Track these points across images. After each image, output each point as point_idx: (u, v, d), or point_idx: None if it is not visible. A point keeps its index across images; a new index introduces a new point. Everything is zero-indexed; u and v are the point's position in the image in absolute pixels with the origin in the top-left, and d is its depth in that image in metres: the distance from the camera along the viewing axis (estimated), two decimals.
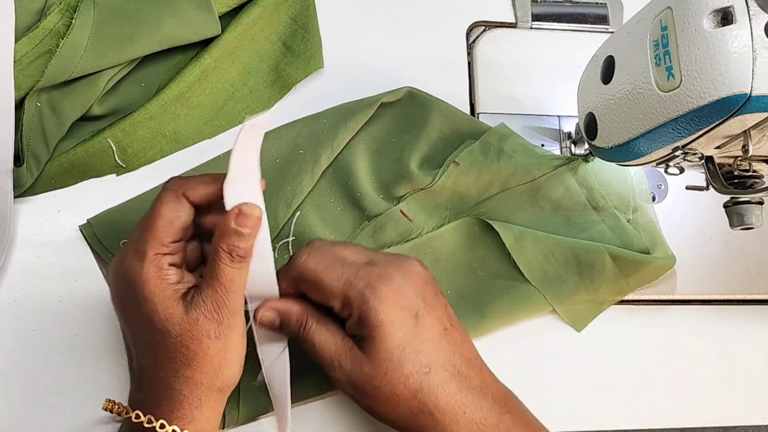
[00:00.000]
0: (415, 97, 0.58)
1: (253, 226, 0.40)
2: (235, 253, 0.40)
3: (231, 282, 0.40)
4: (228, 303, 0.40)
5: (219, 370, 0.41)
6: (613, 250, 0.54)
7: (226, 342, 0.40)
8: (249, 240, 0.40)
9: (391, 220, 0.55)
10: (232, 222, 0.39)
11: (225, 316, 0.40)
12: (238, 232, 0.39)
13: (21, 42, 0.50)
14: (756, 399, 0.56)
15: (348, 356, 0.42)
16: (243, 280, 0.41)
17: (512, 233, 0.55)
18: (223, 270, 0.40)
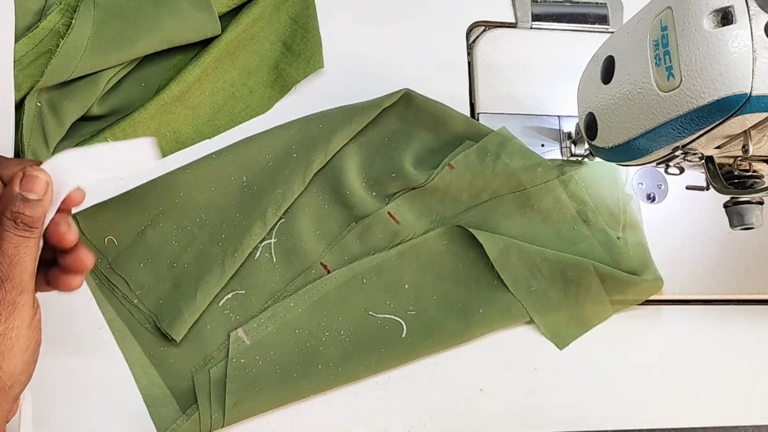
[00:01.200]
0: (411, 99, 0.58)
1: (41, 191, 0.36)
2: (20, 221, 0.36)
3: (16, 252, 0.36)
4: (12, 276, 0.35)
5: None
6: (601, 269, 0.54)
7: (7, 325, 0.36)
8: (37, 207, 0.36)
9: (379, 221, 0.55)
10: (17, 186, 0.36)
11: (7, 292, 0.35)
12: (24, 197, 0.36)
13: (21, 42, 0.50)
14: (756, 399, 0.56)
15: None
16: (31, 252, 0.36)
17: (497, 246, 0.55)
18: (7, 239, 0.35)
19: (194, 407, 0.49)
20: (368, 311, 0.53)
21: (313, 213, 0.55)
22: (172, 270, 0.52)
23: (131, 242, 0.52)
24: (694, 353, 0.56)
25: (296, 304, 0.52)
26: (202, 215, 0.54)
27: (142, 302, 0.51)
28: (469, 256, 0.55)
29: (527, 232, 0.56)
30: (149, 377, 0.50)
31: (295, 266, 0.53)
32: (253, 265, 0.53)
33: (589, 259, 0.55)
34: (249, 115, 0.58)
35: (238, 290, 0.53)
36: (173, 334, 0.50)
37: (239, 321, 0.52)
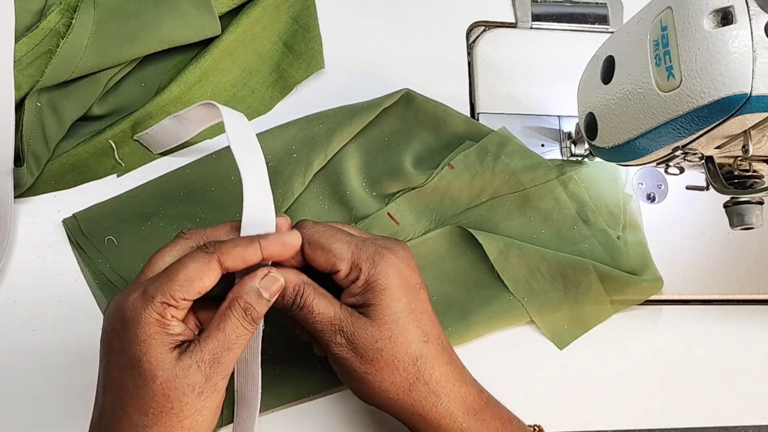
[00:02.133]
0: (411, 99, 0.58)
1: (275, 294, 0.39)
2: (249, 312, 0.38)
3: (236, 339, 0.38)
4: (223, 361, 0.38)
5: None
6: (601, 269, 0.54)
7: (204, 404, 0.38)
8: (265, 307, 0.39)
9: (378, 222, 0.55)
10: (257, 281, 0.39)
11: (215, 373, 0.38)
12: (260, 293, 0.39)
13: (21, 42, 0.50)
14: (756, 399, 0.56)
15: (350, 320, 0.41)
16: (244, 344, 0.39)
17: (497, 246, 0.55)
18: (232, 324, 0.38)
19: None
20: None
21: (313, 213, 0.55)
22: None
23: (131, 242, 0.52)
24: (694, 353, 0.56)
25: None
26: (202, 215, 0.54)
27: None
28: (469, 256, 0.55)
29: (527, 232, 0.56)
30: None
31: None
32: None
33: (589, 260, 0.55)
34: (250, 116, 0.58)
35: None
36: None
37: None
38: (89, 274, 0.52)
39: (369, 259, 0.42)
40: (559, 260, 0.54)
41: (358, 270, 0.42)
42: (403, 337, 0.41)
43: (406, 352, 0.42)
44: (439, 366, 0.42)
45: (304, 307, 0.42)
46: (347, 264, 0.42)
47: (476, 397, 0.44)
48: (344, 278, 0.42)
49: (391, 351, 0.41)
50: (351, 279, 0.42)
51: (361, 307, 0.42)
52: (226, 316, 0.38)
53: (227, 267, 0.38)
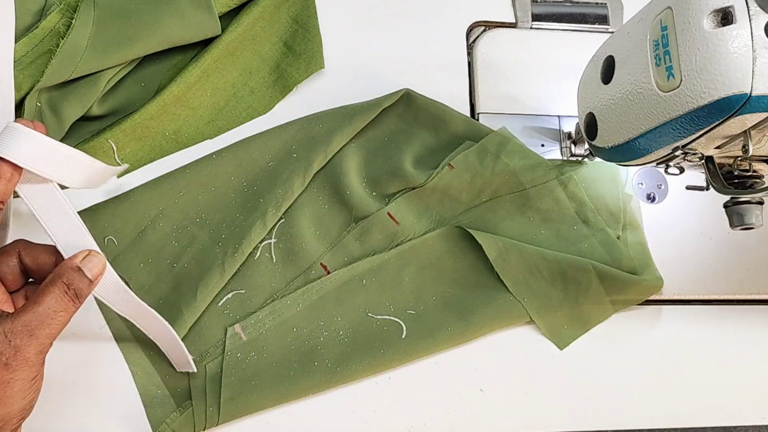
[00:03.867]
0: (411, 99, 0.58)
1: (97, 275, 0.39)
2: (72, 288, 0.38)
3: (54, 315, 0.37)
4: (37, 334, 0.37)
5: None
6: (600, 269, 0.54)
7: (13, 375, 0.36)
8: (88, 286, 0.39)
9: (378, 222, 0.55)
10: (79, 260, 0.39)
11: (26, 345, 0.37)
12: (83, 272, 0.39)
13: (21, 42, 0.50)
14: (756, 399, 0.56)
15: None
16: (63, 323, 0.38)
17: (497, 247, 0.55)
18: (51, 297, 0.37)
19: (189, 402, 0.49)
20: (367, 312, 0.53)
21: (313, 213, 0.55)
22: (172, 270, 0.52)
23: (131, 242, 0.52)
24: (694, 353, 0.56)
25: (295, 304, 0.52)
26: (202, 215, 0.54)
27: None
28: (469, 256, 0.55)
29: (527, 232, 0.56)
30: (148, 377, 0.50)
31: (295, 266, 0.54)
32: (253, 265, 0.53)
33: (589, 260, 0.55)
34: (250, 116, 0.58)
35: (238, 290, 0.53)
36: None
37: (239, 320, 0.52)
38: None
39: None
40: (558, 260, 0.54)
41: None
42: None
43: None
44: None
45: None
46: None
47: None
48: None
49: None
50: None
51: None
52: (45, 291, 0.38)
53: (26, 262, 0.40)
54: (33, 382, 0.38)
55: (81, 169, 0.41)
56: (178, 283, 0.51)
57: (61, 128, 0.52)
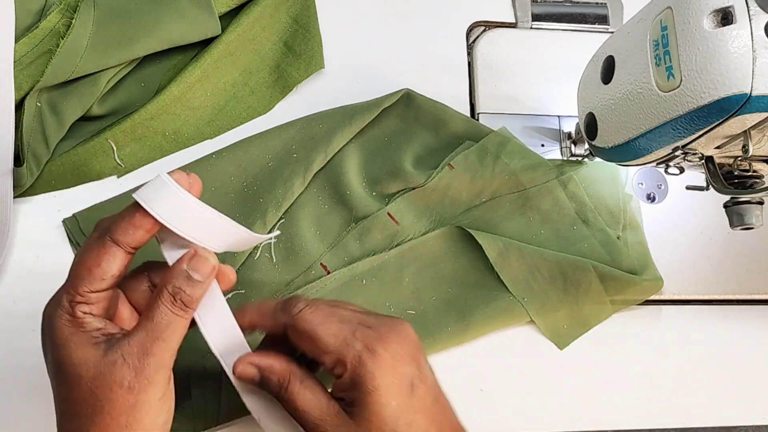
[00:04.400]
0: (411, 99, 0.58)
1: (207, 274, 0.37)
2: (179, 298, 0.36)
3: (165, 328, 0.36)
4: (154, 351, 0.36)
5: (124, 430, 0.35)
6: (600, 269, 0.54)
7: (139, 398, 0.35)
8: (198, 288, 0.37)
9: (378, 222, 0.55)
10: (185, 264, 0.37)
11: (146, 366, 0.35)
12: (189, 276, 0.36)
13: (21, 42, 0.50)
14: (756, 399, 0.56)
15: (334, 422, 0.38)
16: (179, 333, 0.37)
17: (497, 247, 0.55)
18: (161, 312, 0.36)
19: (189, 402, 0.49)
20: None
21: (313, 213, 0.55)
22: None
23: None
24: (694, 353, 0.56)
25: None
26: None
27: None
28: (469, 257, 0.55)
29: (527, 232, 0.56)
30: None
31: (295, 266, 0.53)
32: (253, 265, 0.53)
33: (589, 260, 0.55)
34: (250, 116, 0.58)
35: (238, 290, 0.53)
36: None
37: None
38: None
39: (356, 357, 0.38)
40: (558, 260, 0.54)
41: (343, 366, 0.38)
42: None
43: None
44: None
45: (288, 400, 0.39)
46: (332, 359, 0.38)
47: None
48: (329, 370, 0.39)
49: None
50: (336, 373, 0.39)
51: (347, 404, 0.39)
52: (154, 305, 0.36)
53: (122, 242, 0.36)
54: (162, 403, 0.37)
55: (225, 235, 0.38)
56: None
57: (61, 128, 0.52)
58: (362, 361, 0.38)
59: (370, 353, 0.38)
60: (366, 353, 0.38)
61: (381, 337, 0.39)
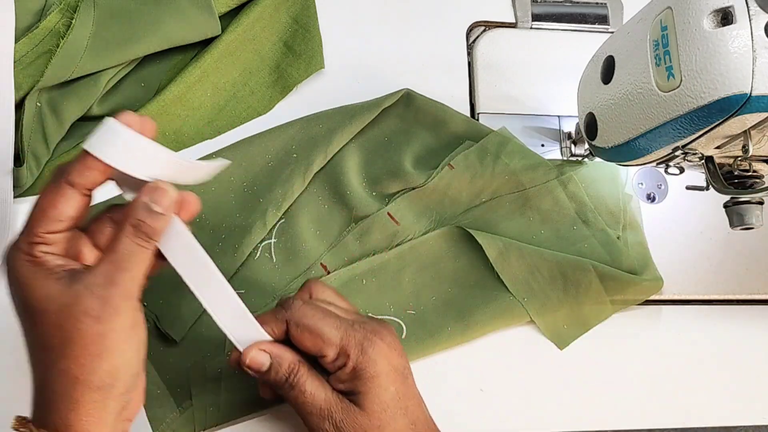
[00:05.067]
0: (411, 99, 0.58)
1: (167, 205, 0.37)
2: (142, 229, 0.37)
3: (129, 257, 0.36)
4: (119, 281, 0.36)
5: (96, 361, 0.35)
6: (600, 269, 0.54)
7: (107, 326, 0.35)
8: (159, 220, 0.37)
9: (378, 222, 0.55)
10: (146, 196, 0.37)
11: (113, 296, 0.36)
12: (149, 207, 0.37)
13: (21, 42, 0.50)
14: (756, 399, 0.56)
15: (339, 407, 0.41)
16: (143, 263, 0.37)
17: (497, 247, 0.54)
18: (123, 242, 0.36)
19: (189, 402, 0.49)
20: (367, 312, 0.53)
21: (313, 213, 0.55)
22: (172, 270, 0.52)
23: None
24: (694, 353, 0.56)
25: None
26: (202, 215, 0.54)
27: (142, 302, 0.51)
28: (469, 257, 0.55)
29: (527, 232, 0.56)
30: (148, 377, 0.50)
31: (295, 266, 0.53)
32: (253, 265, 0.53)
33: (589, 260, 0.55)
34: (250, 116, 0.58)
35: (238, 290, 0.52)
36: (173, 334, 0.50)
37: None
38: None
39: (357, 346, 0.41)
40: (558, 260, 0.54)
41: (345, 356, 0.42)
42: (391, 427, 0.41)
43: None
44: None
45: (295, 386, 0.41)
46: (335, 350, 0.42)
47: None
48: (331, 363, 0.42)
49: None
50: (338, 365, 0.42)
51: (349, 394, 0.42)
52: (117, 238, 0.37)
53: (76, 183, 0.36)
54: (132, 331, 0.37)
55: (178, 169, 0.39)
56: (178, 283, 0.51)
57: (61, 128, 0.52)
58: (364, 350, 0.41)
59: (370, 342, 0.42)
60: (367, 342, 0.42)
61: (375, 330, 0.43)
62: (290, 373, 0.42)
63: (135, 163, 0.37)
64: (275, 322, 0.43)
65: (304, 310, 0.42)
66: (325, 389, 0.42)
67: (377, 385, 0.41)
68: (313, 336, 0.42)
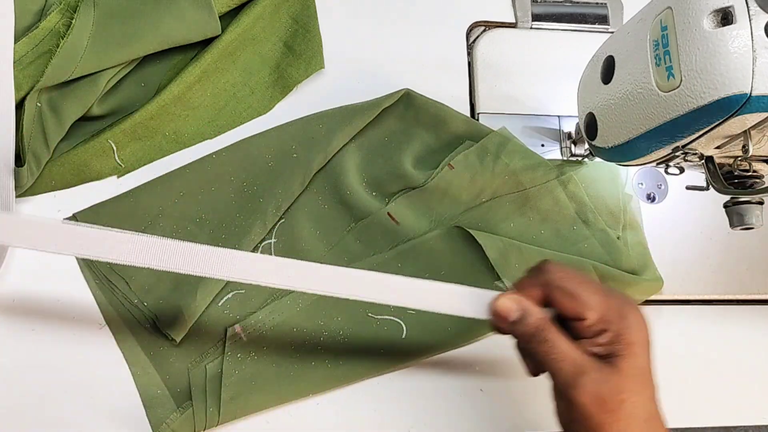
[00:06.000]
0: (411, 99, 0.58)
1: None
2: None
3: None
4: None
5: None
6: (600, 269, 0.54)
7: None
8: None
9: (378, 222, 0.55)
10: None
11: None
12: None
13: (21, 42, 0.50)
14: (756, 399, 0.56)
15: (596, 365, 0.41)
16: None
17: (497, 247, 0.55)
18: None
19: (189, 403, 0.49)
20: (367, 312, 0.53)
21: (313, 213, 0.55)
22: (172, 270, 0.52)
23: None
24: (694, 353, 0.56)
25: (295, 304, 0.52)
26: (202, 215, 0.54)
27: (142, 302, 0.51)
28: (469, 257, 0.55)
29: (527, 232, 0.56)
30: (148, 377, 0.50)
31: None
32: None
33: (589, 260, 0.55)
34: (250, 116, 0.58)
35: (238, 290, 0.53)
36: (173, 335, 0.50)
37: (239, 321, 0.52)
38: (89, 275, 0.52)
39: (618, 312, 0.42)
40: (558, 261, 0.54)
41: (606, 323, 0.42)
42: (644, 394, 0.42)
43: (644, 408, 0.42)
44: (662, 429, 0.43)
45: (548, 340, 0.42)
46: (596, 315, 0.42)
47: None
48: (588, 327, 0.43)
49: (631, 404, 0.41)
50: (595, 330, 0.42)
51: (603, 357, 0.42)
52: None
53: None
54: None
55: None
56: (178, 283, 0.51)
57: (61, 128, 0.52)
58: (624, 315, 0.42)
59: (629, 310, 0.43)
60: (626, 309, 0.43)
61: (630, 301, 0.44)
62: (538, 328, 0.42)
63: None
64: (532, 287, 0.44)
65: (563, 273, 0.44)
66: (575, 348, 0.42)
67: (635, 352, 0.42)
68: (574, 299, 0.43)
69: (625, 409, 0.41)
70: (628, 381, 0.41)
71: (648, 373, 0.42)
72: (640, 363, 0.42)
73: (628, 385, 0.41)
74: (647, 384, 0.42)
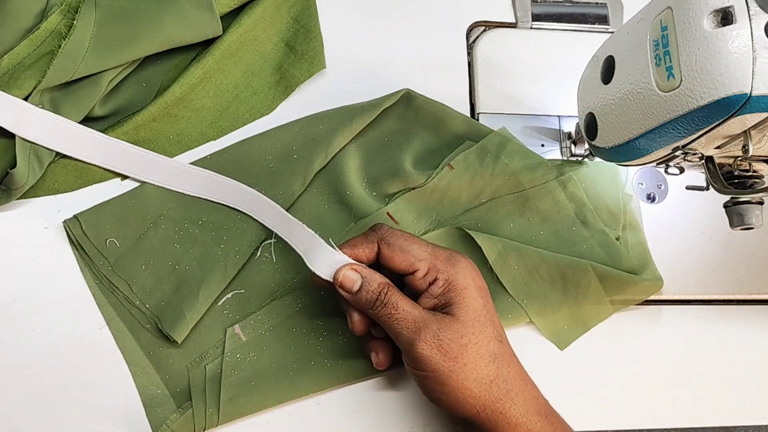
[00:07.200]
0: (411, 99, 0.58)
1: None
2: None
3: None
4: None
5: None
6: (600, 269, 0.54)
7: None
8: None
9: (378, 221, 0.55)
10: None
11: None
12: None
13: (22, 43, 0.50)
14: (756, 399, 0.56)
15: (434, 318, 0.44)
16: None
17: (496, 248, 0.54)
18: None
19: (189, 403, 0.49)
20: None
21: (314, 213, 0.55)
22: (173, 272, 0.52)
23: (133, 244, 0.52)
24: (694, 353, 0.57)
25: (295, 303, 0.52)
26: (204, 216, 0.54)
27: (144, 304, 0.51)
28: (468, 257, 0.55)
29: (526, 233, 0.56)
30: (148, 377, 0.50)
31: (296, 266, 0.53)
32: (254, 265, 0.53)
33: (588, 260, 0.55)
34: (253, 117, 0.58)
35: (238, 290, 0.53)
36: (175, 336, 0.50)
37: (238, 321, 0.52)
38: (89, 275, 0.52)
39: (446, 261, 0.45)
40: (557, 261, 0.54)
41: (436, 271, 0.45)
42: (484, 335, 0.44)
43: (487, 349, 0.44)
44: (512, 366, 0.44)
45: (388, 303, 0.44)
46: (426, 264, 0.45)
47: (543, 400, 0.46)
48: (420, 279, 0.45)
49: (474, 347, 0.43)
50: (428, 280, 0.45)
51: (441, 308, 0.44)
52: None
53: None
54: None
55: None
56: (180, 284, 0.51)
57: None
58: (453, 263, 0.45)
59: (456, 259, 0.46)
60: (453, 259, 0.46)
61: (456, 252, 0.47)
62: (380, 292, 0.44)
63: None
64: (366, 244, 0.46)
65: (393, 231, 0.46)
66: (415, 305, 0.44)
67: (468, 296, 0.44)
68: (404, 253, 0.45)
69: (469, 352, 0.43)
70: (467, 326, 0.44)
71: (485, 315, 0.45)
72: (476, 306, 0.44)
73: (468, 329, 0.43)
74: (486, 325, 0.44)
